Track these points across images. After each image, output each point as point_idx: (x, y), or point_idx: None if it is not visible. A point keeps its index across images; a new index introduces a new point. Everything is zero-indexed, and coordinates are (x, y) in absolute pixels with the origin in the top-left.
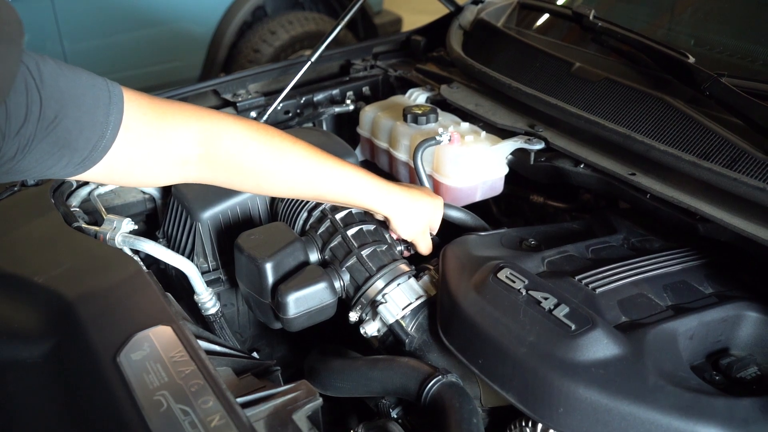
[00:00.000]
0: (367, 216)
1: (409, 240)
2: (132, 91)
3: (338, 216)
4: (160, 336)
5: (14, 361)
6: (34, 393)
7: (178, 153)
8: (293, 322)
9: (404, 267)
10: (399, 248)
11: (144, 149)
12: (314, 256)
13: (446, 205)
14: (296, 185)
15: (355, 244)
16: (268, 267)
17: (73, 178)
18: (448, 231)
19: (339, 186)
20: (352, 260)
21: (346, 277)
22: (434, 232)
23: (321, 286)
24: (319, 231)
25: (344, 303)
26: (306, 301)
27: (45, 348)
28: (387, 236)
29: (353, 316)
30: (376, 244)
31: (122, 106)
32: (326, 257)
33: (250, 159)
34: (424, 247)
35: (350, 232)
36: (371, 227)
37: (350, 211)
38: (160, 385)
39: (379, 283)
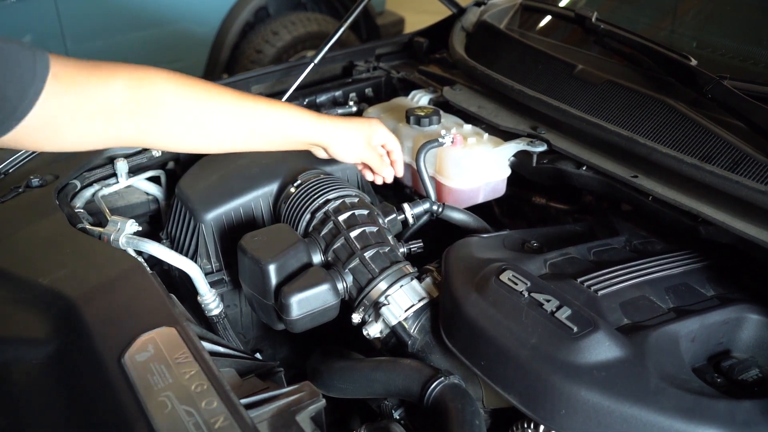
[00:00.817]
0: (369, 218)
1: (359, 164)
2: (59, 55)
3: (341, 218)
4: (165, 337)
5: (19, 362)
6: (39, 394)
7: (106, 101)
8: (296, 324)
9: (407, 269)
10: (402, 250)
11: (72, 98)
12: (317, 258)
13: (448, 207)
14: (230, 130)
15: (358, 246)
16: (272, 269)
17: (4, 140)
18: (449, 233)
19: (271, 124)
20: (355, 262)
21: (349, 278)
22: (393, 151)
23: (324, 288)
24: (322, 233)
25: (347, 304)
26: (309, 302)
27: (49, 349)
28: (390, 238)
29: (356, 318)
30: (378, 246)
31: (48, 60)
32: (329, 259)
33: (180, 105)
34: (378, 165)
35: (353, 233)
36: (374, 229)
37: (353, 213)
38: (164, 386)
39: (382, 285)
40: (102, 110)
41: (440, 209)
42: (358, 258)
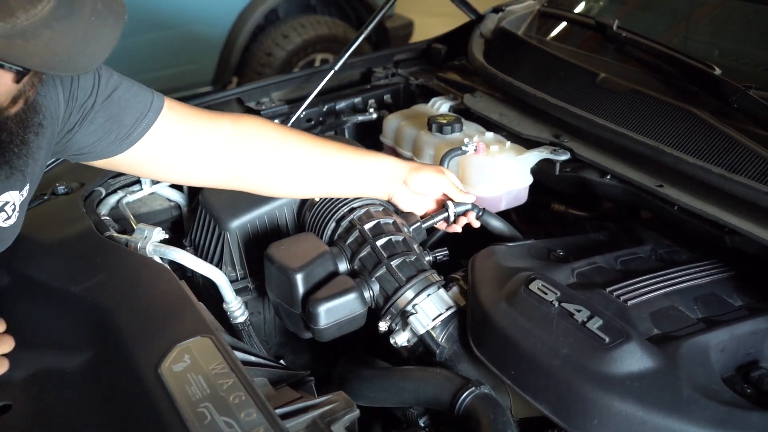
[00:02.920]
0: (394, 226)
1: (433, 205)
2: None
3: (367, 226)
4: (201, 347)
5: (53, 371)
6: (74, 403)
7: (211, 142)
8: (324, 333)
9: (434, 277)
10: (428, 258)
11: (181, 134)
12: (343, 267)
13: (488, 213)
14: (323, 172)
15: (385, 255)
16: (299, 278)
17: (117, 162)
18: (474, 240)
19: (362, 167)
20: (382, 270)
21: (376, 287)
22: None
23: (351, 297)
24: (348, 241)
25: (373, 313)
26: (337, 311)
27: (84, 358)
28: (416, 247)
29: (383, 326)
30: (405, 255)
31: (163, 98)
32: (355, 267)
33: (278, 147)
34: (455, 192)
35: (379, 242)
36: (400, 238)
37: (378, 222)
38: (202, 397)
39: (409, 293)
40: (207, 152)
41: (480, 213)
42: (384, 266)
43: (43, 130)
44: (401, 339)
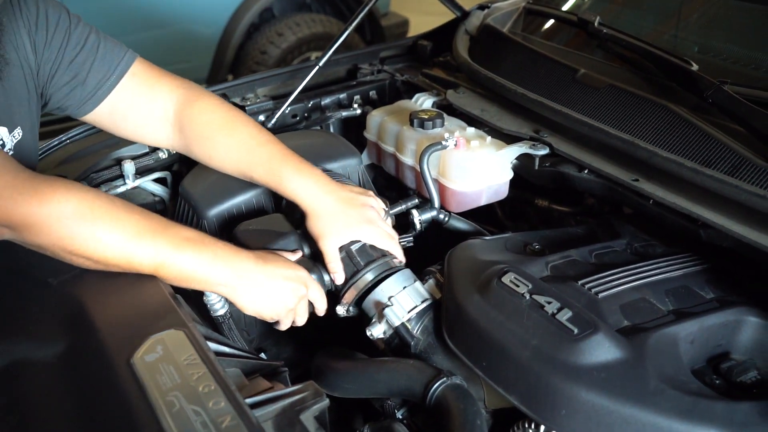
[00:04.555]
0: None
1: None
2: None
3: None
4: (173, 339)
5: (28, 361)
6: (48, 393)
7: (163, 108)
8: None
9: (393, 262)
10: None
11: (139, 98)
12: (308, 250)
13: (454, 217)
14: (247, 157)
15: None
16: None
17: (88, 119)
18: (451, 236)
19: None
20: (341, 255)
21: None
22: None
23: None
24: None
25: (334, 296)
26: None
27: (59, 349)
28: None
29: (340, 310)
30: None
31: (132, 61)
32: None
33: (209, 128)
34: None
35: None
36: None
37: None
38: (172, 386)
39: (368, 276)
40: (159, 116)
41: (446, 218)
42: (344, 251)
43: (9, 69)
44: (377, 331)
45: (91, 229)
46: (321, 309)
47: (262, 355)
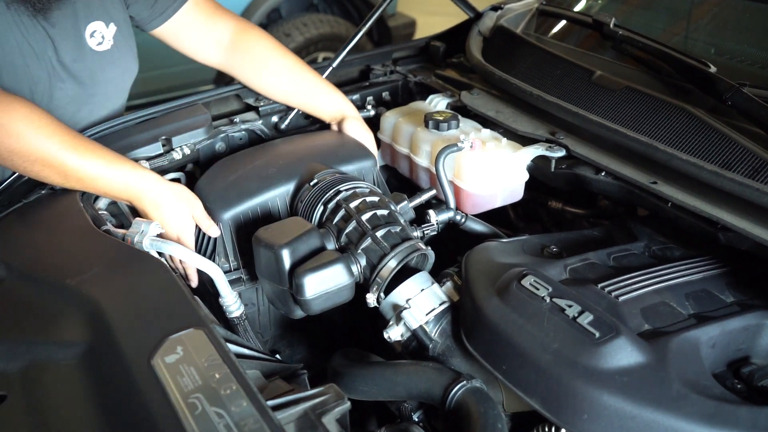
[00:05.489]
0: (380, 203)
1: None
2: None
3: (352, 204)
4: (193, 340)
5: (48, 362)
6: (68, 394)
7: (220, 32)
8: (311, 304)
9: (419, 245)
10: (416, 233)
11: (199, 22)
12: (331, 245)
13: (470, 218)
14: (287, 84)
15: (369, 227)
16: (285, 252)
17: (151, 32)
18: (467, 238)
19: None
20: (367, 242)
21: (363, 259)
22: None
23: (337, 267)
24: (335, 221)
25: (362, 288)
26: (323, 281)
27: (79, 350)
28: (402, 220)
29: (370, 299)
30: (390, 225)
31: None
32: (342, 243)
33: (261, 55)
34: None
35: (364, 216)
36: (385, 212)
37: (365, 200)
38: (194, 388)
39: (392, 262)
40: (216, 38)
41: (463, 220)
42: (369, 237)
43: None
44: (395, 334)
45: (33, 133)
46: (204, 226)
47: (277, 356)
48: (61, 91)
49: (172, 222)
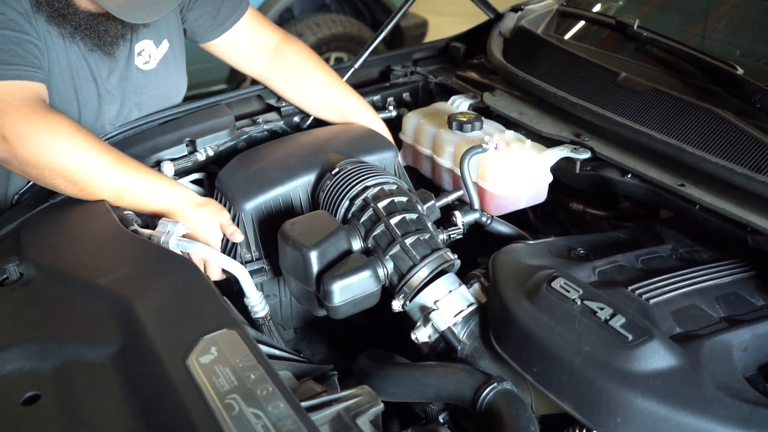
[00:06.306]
0: (409, 204)
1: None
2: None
3: (380, 204)
4: (227, 340)
5: (81, 362)
6: (102, 394)
7: (266, 43)
8: (338, 310)
9: (448, 255)
10: (442, 236)
11: (252, 29)
12: (357, 245)
13: (496, 220)
14: (321, 100)
15: (399, 233)
16: (313, 256)
17: (203, 44)
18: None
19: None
20: (396, 249)
21: (390, 265)
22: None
23: (366, 275)
24: (362, 219)
25: (387, 291)
26: (351, 289)
27: (112, 350)
28: (429, 225)
29: (396, 305)
30: (419, 233)
31: (249, 3)
32: (369, 245)
33: (298, 70)
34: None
35: (393, 220)
36: (414, 216)
37: (392, 200)
38: (230, 388)
39: (423, 272)
40: (262, 46)
41: (489, 221)
42: (398, 244)
43: None
44: (422, 335)
45: (71, 151)
46: (229, 232)
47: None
48: (108, 112)
49: (202, 236)
